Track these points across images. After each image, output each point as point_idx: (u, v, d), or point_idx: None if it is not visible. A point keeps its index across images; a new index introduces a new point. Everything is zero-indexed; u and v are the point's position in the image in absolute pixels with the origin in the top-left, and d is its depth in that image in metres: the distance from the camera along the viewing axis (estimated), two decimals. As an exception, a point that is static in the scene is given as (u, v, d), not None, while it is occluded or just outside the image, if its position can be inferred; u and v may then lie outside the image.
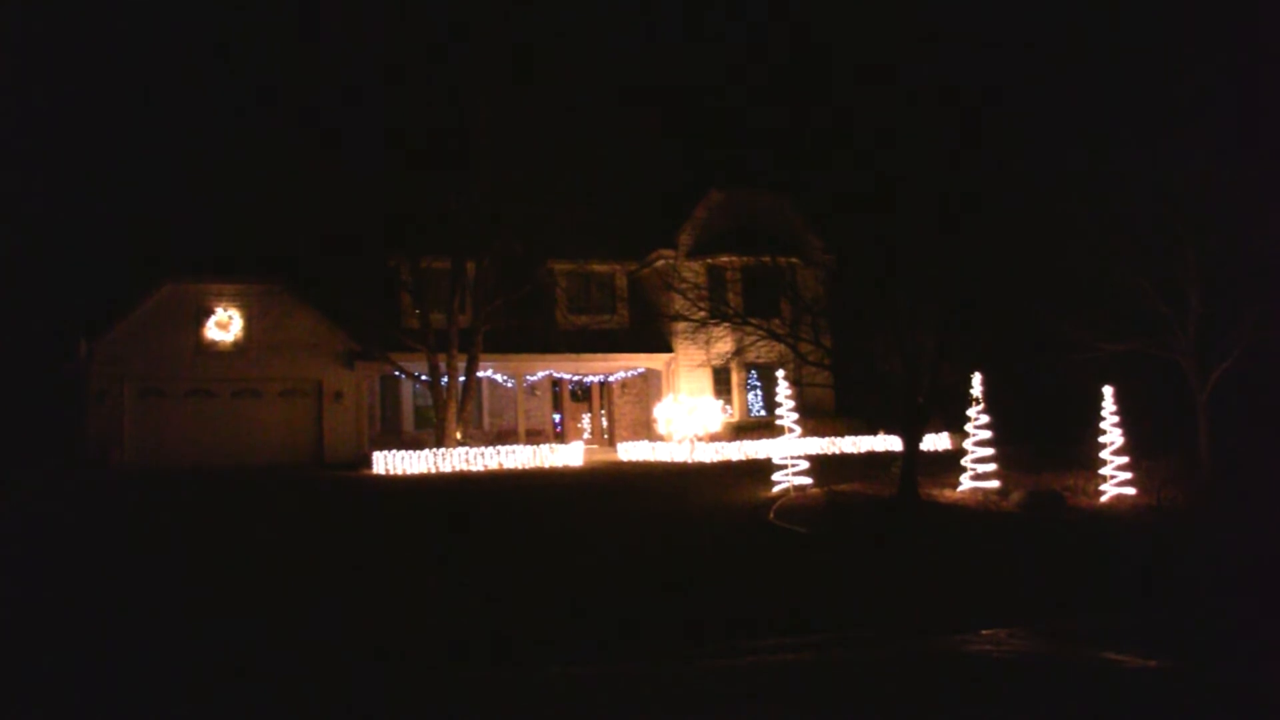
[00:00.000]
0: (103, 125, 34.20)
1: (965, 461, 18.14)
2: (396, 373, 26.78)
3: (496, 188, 24.89)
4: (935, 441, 26.65)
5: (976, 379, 18.17)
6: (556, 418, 31.44)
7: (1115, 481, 17.13)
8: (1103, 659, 7.34)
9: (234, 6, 33.22)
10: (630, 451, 27.27)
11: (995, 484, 17.66)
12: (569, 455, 25.12)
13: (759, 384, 30.34)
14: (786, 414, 18.66)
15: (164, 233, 27.79)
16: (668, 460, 25.39)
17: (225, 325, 26.28)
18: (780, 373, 19.36)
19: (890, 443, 25.22)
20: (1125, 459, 17.18)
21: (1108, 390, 17.35)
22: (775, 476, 18.53)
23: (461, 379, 25.59)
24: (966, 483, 17.93)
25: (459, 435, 25.31)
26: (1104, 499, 17.01)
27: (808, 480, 18.41)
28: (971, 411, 18.18)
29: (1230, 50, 19.63)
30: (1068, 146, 21.13)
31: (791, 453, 18.76)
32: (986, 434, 17.97)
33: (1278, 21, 18.64)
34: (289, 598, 10.55)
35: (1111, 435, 17.25)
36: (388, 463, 23.21)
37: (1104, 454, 17.29)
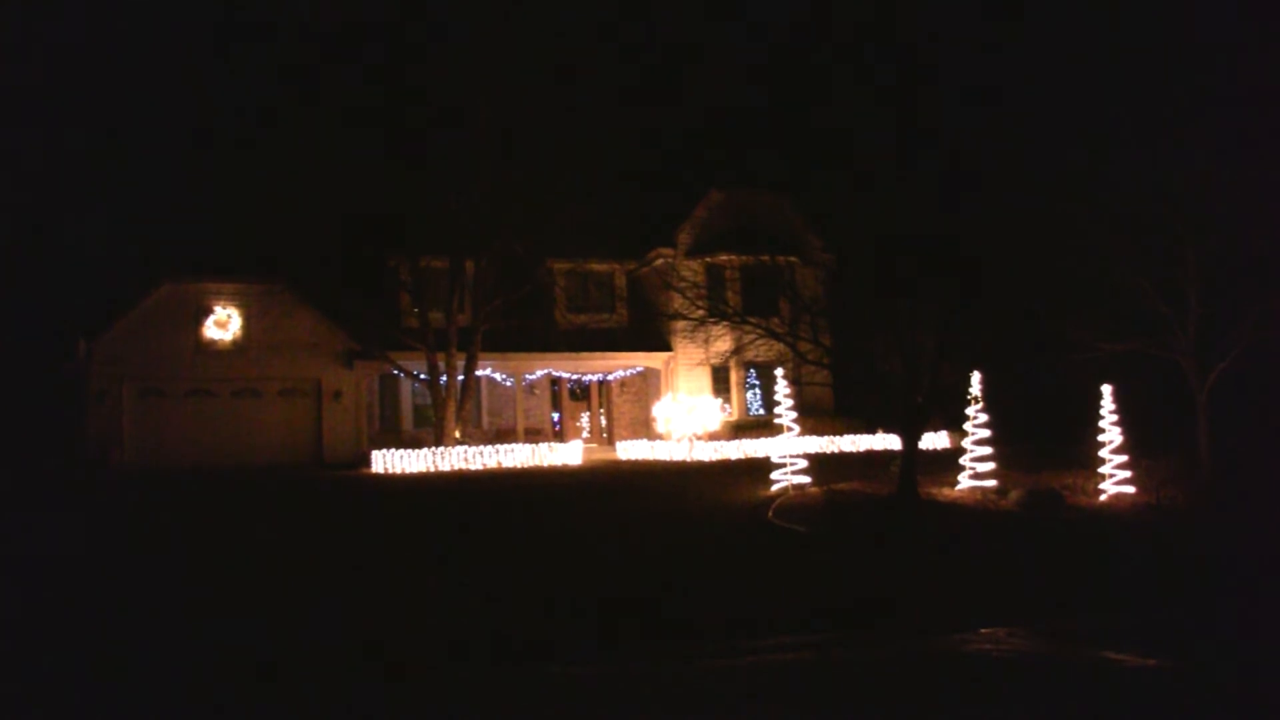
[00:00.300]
0: (103, 125, 34.22)
1: (964, 460, 18.15)
2: (395, 372, 26.79)
3: (496, 188, 24.89)
4: (934, 440, 26.67)
5: (976, 378, 18.17)
6: (555, 417, 31.45)
7: (1115, 480, 17.14)
8: (1103, 658, 7.34)
9: (234, 6, 33.24)
10: (629, 450, 27.28)
11: (993, 483, 17.67)
12: (568, 454, 25.13)
13: (758, 383, 30.36)
14: (785, 413, 18.66)
15: (164, 232, 27.81)
16: (666, 459, 25.40)
17: (224, 324, 26.27)
18: (779, 371, 19.36)
19: (889, 441, 25.23)
20: (1124, 458, 17.18)
21: (1107, 389, 17.35)
22: (774, 475, 18.54)
23: (460, 378, 25.61)
24: (965, 482, 17.94)
25: (458, 434, 25.32)
26: (1103, 498, 17.01)
27: (807, 479, 18.42)
28: (970, 410, 18.19)
29: (1230, 50, 19.64)
30: (1068, 146, 21.14)
31: (790, 451, 18.76)
32: (985, 433, 17.98)
33: (1278, 21, 18.66)
34: (289, 598, 10.55)
35: (1111, 434, 17.25)
36: (387, 462, 23.21)
37: (1103, 453, 17.29)
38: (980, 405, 18.11)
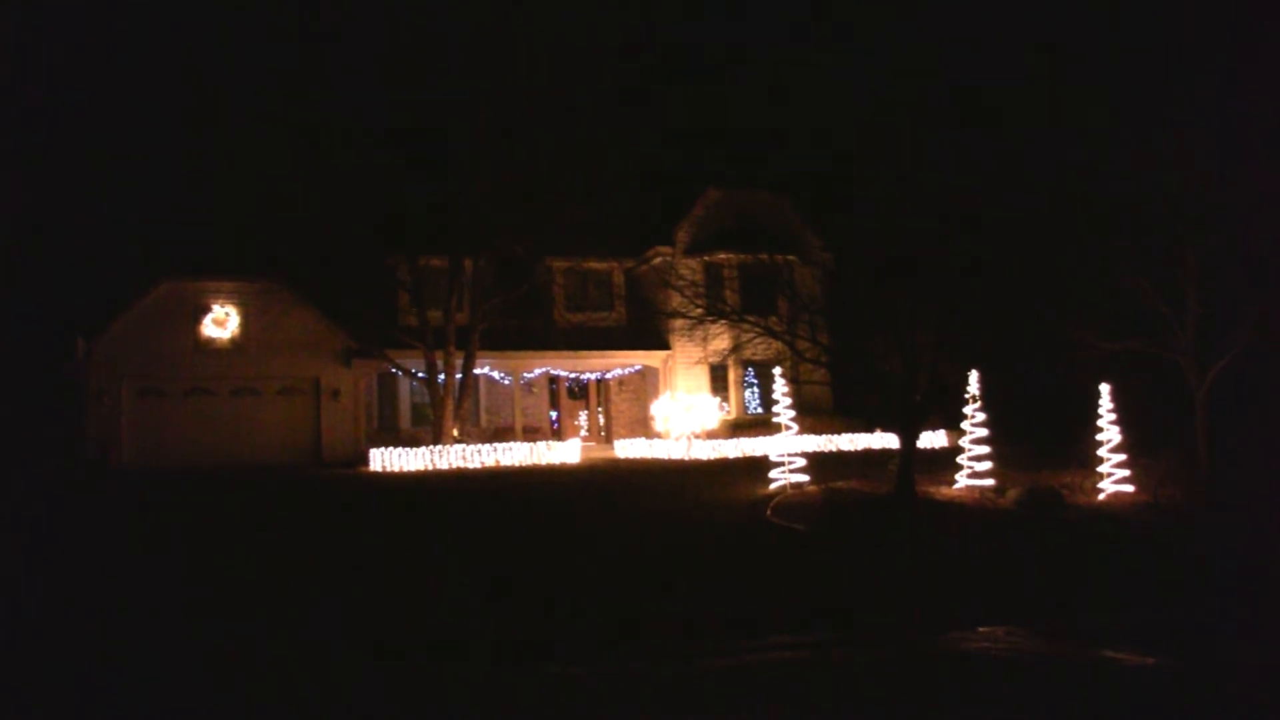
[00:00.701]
0: (102, 125, 34.17)
1: (962, 459, 18.16)
2: (394, 370, 26.79)
3: (496, 187, 24.88)
4: (932, 439, 26.70)
5: (974, 377, 18.18)
6: (554, 415, 31.45)
7: (1113, 480, 17.16)
8: (1103, 658, 7.37)
9: (234, 6, 33.16)
10: (627, 449, 27.28)
11: (991, 482, 17.69)
12: (566, 453, 25.13)
13: (756, 381, 30.37)
14: (784, 411, 18.66)
15: (163, 232, 27.74)
16: (665, 458, 25.40)
17: (223, 323, 26.25)
18: (777, 370, 19.37)
19: (887, 440, 25.25)
20: (1123, 457, 17.20)
21: (1106, 389, 17.37)
22: (772, 474, 18.55)
23: (459, 376, 25.61)
24: (963, 480, 17.96)
25: (456, 433, 25.33)
26: (1102, 497, 17.03)
27: (805, 478, 18.44)
28: (969, 409, 18.21)
29: (1230, 50, 19.63)
30: (1068, 145, 21.13)
31: (789, 450, 18.77)
32: (984, 432, 18.00)
33: (1278, 21, 18.66)
34: (289, 598, 10.55)
35: (1110, 433, 17.28)
36: (385, 460, 23.22)
37: (1102, 452, 17.32)
38: (979, 404, 18.13)
